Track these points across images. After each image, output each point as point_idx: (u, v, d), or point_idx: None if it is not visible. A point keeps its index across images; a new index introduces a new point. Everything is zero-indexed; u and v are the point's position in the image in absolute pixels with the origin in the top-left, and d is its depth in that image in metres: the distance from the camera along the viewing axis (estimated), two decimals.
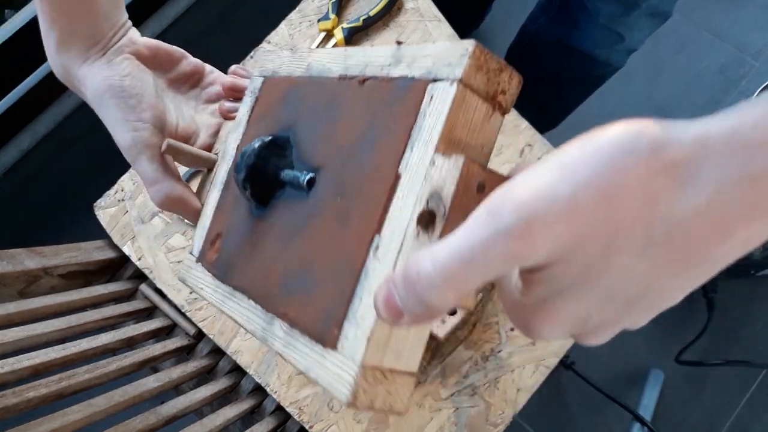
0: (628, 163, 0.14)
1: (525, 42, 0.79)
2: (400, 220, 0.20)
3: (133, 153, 0.31)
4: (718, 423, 0.93)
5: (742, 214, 0.14)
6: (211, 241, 0.30)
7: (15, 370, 0.38)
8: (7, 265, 0.45)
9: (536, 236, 0.14)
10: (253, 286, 0.26)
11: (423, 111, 0.21)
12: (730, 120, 0.14)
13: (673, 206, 0.14)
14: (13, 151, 1.03)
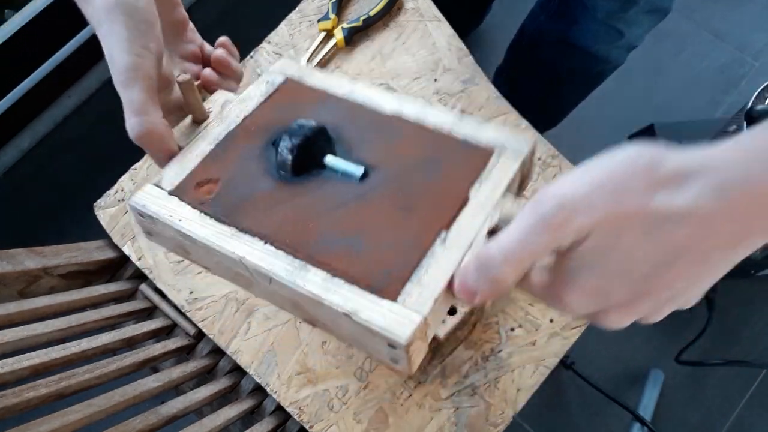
0: (630, 170, 0.19)
1: (525, 40, 0.79)
2: (470, 227, 0.27)
3: (128, 77, 0.29)
4: (718, 423, 0.93)
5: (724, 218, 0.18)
6: (197, 183, 0.30)
7: (15, 370, 0.38)
8: (7, 265, 0.45)
9: (567, 219, 0.20)
10: (277, 234, 0.28)
11: (492, 164, 0.29)
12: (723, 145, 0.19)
13: (666, 203, 0.19)
14: (13, 151, 1.03)
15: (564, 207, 0.20)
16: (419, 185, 0.29)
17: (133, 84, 0.29)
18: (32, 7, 0.90)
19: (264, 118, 0.33)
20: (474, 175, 0.29)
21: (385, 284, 0.25)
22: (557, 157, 0.54)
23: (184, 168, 0.31)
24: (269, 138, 0.32)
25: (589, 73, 0.75)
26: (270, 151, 0.31)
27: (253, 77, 0.57)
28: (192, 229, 0.28)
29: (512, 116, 0.55)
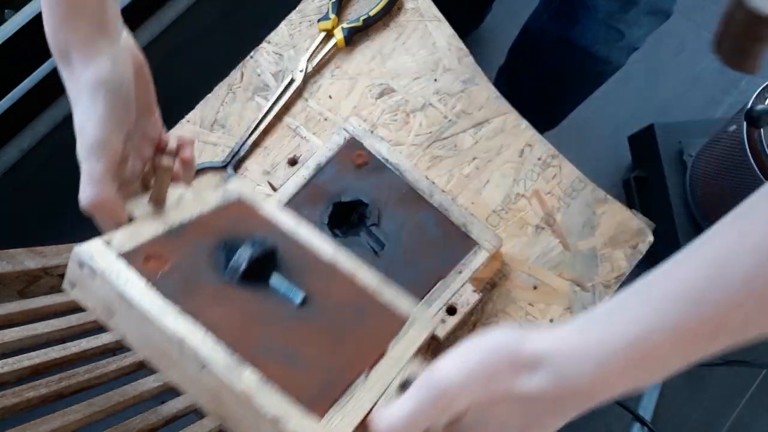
0: (498, 358, 0.25)
1: (527, 40, 0.80)
2: (385, 377, 0.30)
3: (95, 151, 0.30)
4: (718, 423, 0.94)
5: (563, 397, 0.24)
6: (146, 256, 0.30)
7: (15, 370, 0.38)
8: (7, 265, 0.45)
9: (448, 404, 0.25)
10: (219, 327, 0.28)
11: (404, 330, 0.34)
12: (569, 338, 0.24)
13: (524, 386, 0.24)
14: (14, 151, 1.03)
15: (445, 394, 0.24)
16: (349, 326, 0.33)
17: (96, 157, 0.30)
18: (32, 6, 0.90)
19: (218, 221, 0.35)
20: (392, 333, 0.34)
21: (314, 403, 0.26)
22: (557, 157, 0.54)
23: (137, 237, 0.31)
24: (221, 240, 0.33)
25: (590, 73, 0.75)
26: (220, 253, 0.33)
27: (254, 77, 0.57)
28: (135, 296, 0.27)
29: (512, 116, 0.55)
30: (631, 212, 0.52)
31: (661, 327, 0.22)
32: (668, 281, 0.23)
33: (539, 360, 0.24)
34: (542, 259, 0.51)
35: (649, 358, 0.23)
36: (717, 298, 0.22)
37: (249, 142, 0.55)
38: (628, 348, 0.23)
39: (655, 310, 0.23)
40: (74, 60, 0.30)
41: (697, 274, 0.22)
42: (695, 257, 0.23)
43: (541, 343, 0.24)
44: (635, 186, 1.01)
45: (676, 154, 0.94)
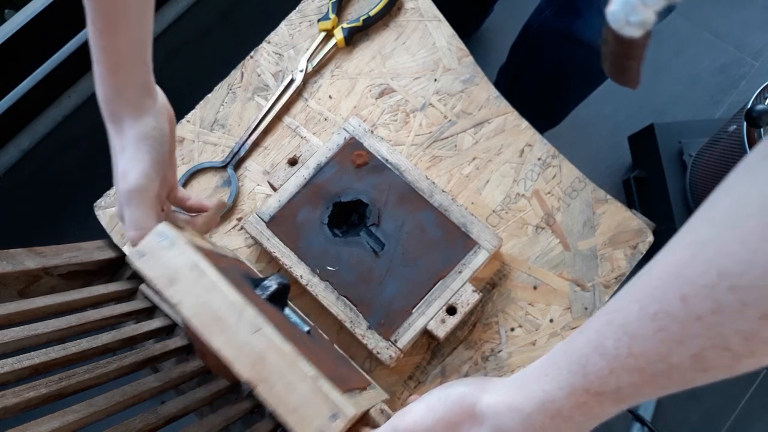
0: (458, 411, 0.29)
1: (529, 37, 0.79)
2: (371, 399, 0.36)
3: (135, 195, 0.35)
4: (718, 422, 0.94)
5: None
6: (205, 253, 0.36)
7: (15, 370, 0.38)
8: (7, 265, 0.45)
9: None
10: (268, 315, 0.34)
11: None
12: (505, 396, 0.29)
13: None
14: (14, 151, 1.03)
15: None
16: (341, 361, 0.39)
17: (138, 203, 0.35)
18: (32, 7, 0.90)
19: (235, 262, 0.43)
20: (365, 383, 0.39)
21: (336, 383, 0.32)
22: (557, 157, 0.54)
23: (195, 242, 0.36)
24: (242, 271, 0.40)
25: (592, 68, 0.75)
26: (248, 278, 0.39)
27: (254, 77, 0.57)
28: (208, 268, 0.32)
29: (512, 116, 0.55)
30: (631, 212, 0.52)
31: (559, 392, 0.26)
32: (567, 348, 0.27)
33: (485, 416, 0.29)
34: (542, 259, 0.51)
35: (558, 417, 0.26)
36: (596, 366, 0.25)
37: (249, 142, 0.55)
38: (541, 408, 0.27)
39: (556, 377, 0.26)
40: (124, 121, 0.35)
41: (583, 347, 0.26)
42: (584, 333, 0.26)
43: (487, 400, 0.29)
44: (635, 186, 1.01)
45: (676, 154, 0.94)
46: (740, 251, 0.20)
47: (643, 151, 1.01)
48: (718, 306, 0.20)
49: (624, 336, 0.24)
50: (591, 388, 0.25)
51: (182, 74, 1.09)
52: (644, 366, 0.23)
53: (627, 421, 0.92)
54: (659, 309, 0.22)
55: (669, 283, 0.22)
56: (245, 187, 0.54)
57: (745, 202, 0.20)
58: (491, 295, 0.50)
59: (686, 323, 0.21)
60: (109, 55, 0.34)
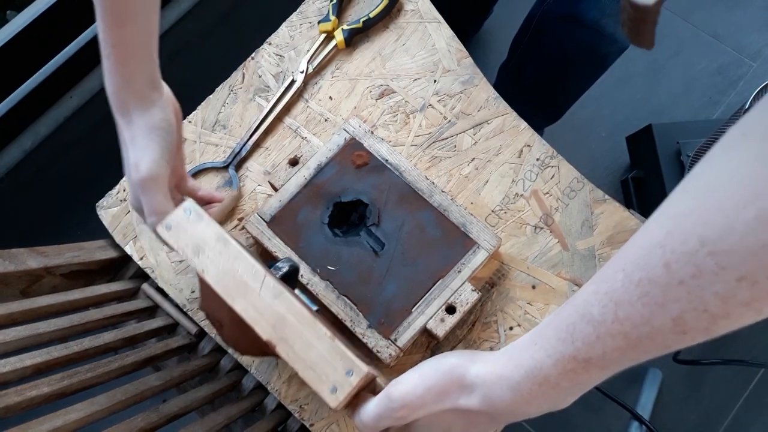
0: (448, 380, 0.31)
1: (532, 26, 0.80)
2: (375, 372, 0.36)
3: (150, 183, 0.37)
4: (717, 421, 0.94)
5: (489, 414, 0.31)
6: None
7: (17, 369, 0.38)
8: (10, 264, 0.45)
9: (407, 414, 0.31)
10: None
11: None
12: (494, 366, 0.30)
13: (464, 403, 0.31)
14: (16, 152, 1.04)
15: (405, 406, 0.31)
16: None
17: (154, 190, 0.37)
18: (34, 8, 0.90)
19: None
20: None
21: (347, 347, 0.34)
22: (556, 158, 0.54)
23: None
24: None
25: (595, 52, 0.75)
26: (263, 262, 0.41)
27: (255, 78, 0.58)
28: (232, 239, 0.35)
29: (511, 117, 0.55)
30: (630, 212, 0.53)
31: (547, 360, 0.27)
32: (555, 318, 0.28)
33: (475, 385, 0.30)
34: (541, 258, 0.51)
35: (545, 384, 0.28)
36: (582, 333, 0.26)
37: (250, 143, 0.55)
38: (529, 376, 0.28)
39: (544, 345, 0.28)
40: (132, 112, 0.37)
41: (570, 314, 0.27)
42: (571, 302, 0.27)
43: (478, 370, 0.30)
44: (633, 186, 1.02)
45: (674, 155, 0.95)
46: (719, 219, 0.21)
47: (641, 152, 1.01)
48: (698, 270, 0.22)
49: (610, 303, 0.25)
50: (578, 354, 0.26)
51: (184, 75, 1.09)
52: (629, 330, 0.24)
53: (625, 420, 0.92)
54: (643, 276, 0.24)
55: (652, 252, 0.23)
56: (246, 187, 0.54)
57: (723, 175, 0.22)
58: (490, 295, 0.50)
59: (668, 288, 0.23)
60: (118, 49, 0.36)
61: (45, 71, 0.96)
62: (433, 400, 0.31)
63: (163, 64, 0.43)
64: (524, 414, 0.30)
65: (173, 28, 1.09)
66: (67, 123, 1.06)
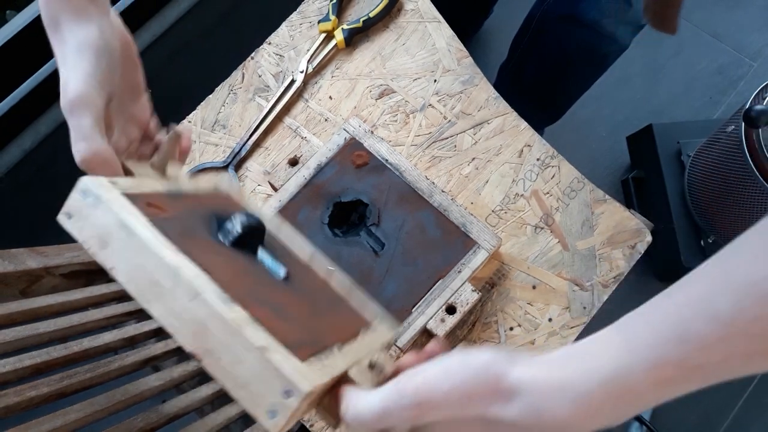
0: (480, 382, 0.25)
1: (532, 26, 0.80)
2: (359, 351, 0.31)
3: (77, 105, 0.31)
4: (717, 422, 0.94)
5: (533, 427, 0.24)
6: (147, 202, 0.30)
7: (16, 369, 0.38)
8: (9, 264, 0.45)
9: (423, 412, 0.25)
10: (213, 270, 0.28)
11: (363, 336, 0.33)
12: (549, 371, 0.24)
13: (499, 413, 0.24)
14: (15, 151, 1.03)
15: (421, 405, 0.25)
16: (324, 308, 0.34)
17: (81, 112, 0.30)
18: (34, 7, 0.90)
19: (211, 200, 0.36)
20: (359, 328, 0.34)
21: (297, 349, 0.26)
22: (556, 158, 0.54)
23: (140, 187, 0.31)
24: (213, 212, 0.34)
25: (595, 52, 0.75)
26: (213, 220, 0.33)
27: (254, 78, 0.58)
28: (137, 226, 0.28)
29: (511, 117, 0.55)
30: (630, 212, 0.52)
31: (638, 365, 0.22)
32: (650, 317, 0.23)
33: (517, 391, 0.24)
34: (541, 258, 0.51)
35: (625, 397, 0.23)
36: (700, 333, 0.21)
37: (250, 143, 0.55)
38: (603, 387, 0.23)
39: (635, 347, 0.22)
40: (63, 26, 0.32)
41: (679, 311, 0.22)
42: (676, 296, 0.23)
43: (521, 374, 0.24)
44: (633, 186, 1.02)
45: (675, 155, 0.95)
46: None
47: (642, 152, 1.01)
48: None
49: (748, 296, 0.20)
50: (687, 360, 0.21)
51: (183, 75, 1.09)
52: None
53: (625, 420, 0.92)
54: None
55: None
56: (246, 187, 0.54)
57: None
58: (490, 295, 0.50)
59: None
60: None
61: (45, 71, 0.96)
62: (458, 402, 0.25)
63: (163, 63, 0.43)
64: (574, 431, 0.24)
65: (173, 28, 1.09)
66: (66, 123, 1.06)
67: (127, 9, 1.01)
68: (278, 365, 0.24)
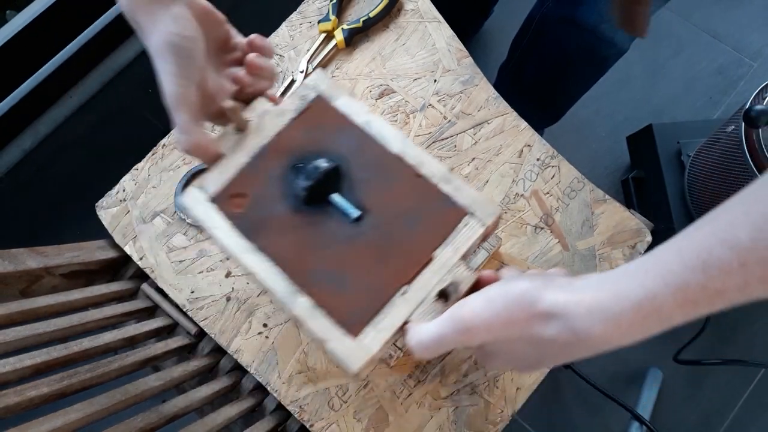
0: (518, 308, 0.29)
1: (532, 28, 0.80)
2: (426, 285, 0.33)
3: (174, 103, 0.35)
4: (717, 422, 0.94)
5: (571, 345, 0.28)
6: (231, 194, 0.37)
7: (17, 369, 0.38)
8: (9, 264, 0.45)
9: (470, 338, 0.29)
10: (282, 258, 0.35)
11: (459, 228, 0.35)
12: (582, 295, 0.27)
13: (539, 332, 0.28)
14: (15, 151, 1.04)
15: (468, 331, 0.29)
16: (398, 238, 0.35)
17: (179, 109, 0.35)
18: (34, 8, 0.90)
19: (292, 138, 0.38)
20: (443, 235, 0.35)
21: (352, 323, 0.33)
22: (556, 158, 0.54)
23: (223, 176, 0.37)
24: (293, 160, 0.37)
25: (594, 56, 0.75)
26: (291, 176, 0.37)
27: None
28: (222, 240, 0.35)
29: (511, 117, 0.55)
30: (630, 212, 0.52)
31: (665, 288, 0.25)
32: (676, 247, 0.26)
33: (553, 314, 0.28)
34: (541, 258, 0.51)
35: (654, 316, 0.25)
36: (721, 260, 0.23)
37: None
38: (634, 308, 0.26)
39: (662, 273, 0.25)
40: (142, 25, 0.35)
41: (704, 240, 0.24)
42: (703, 228, 0.25)
43: (557, 299, 0.28)
44: (633, 186, 1.02)
45: (675, 155, 0.95)
46: None
47: (642, 152, 1.01)
48: None
49: (765, 227, 0.22)
50: (710, 284, 0.24)
51: None
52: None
53: (626, 420, 0.92)
54: None
55: None
56: None
57: None
58: None
59: None
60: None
61: (45, 71, 0.96)
62: (501, 327, 0.29)
63: None
64: (604, 348, 0.27)
65: None
66: (66, 123, 1.06)
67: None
68: (334, 351, 0.32)
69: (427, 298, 0.33)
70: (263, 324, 0.51)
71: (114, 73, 1.08)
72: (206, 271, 0.52)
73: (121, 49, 1.06)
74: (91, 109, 1.07)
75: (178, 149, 0.37)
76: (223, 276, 0.52)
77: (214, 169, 0.37)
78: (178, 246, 0.53)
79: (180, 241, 0.53)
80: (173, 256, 0.53)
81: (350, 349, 0.32)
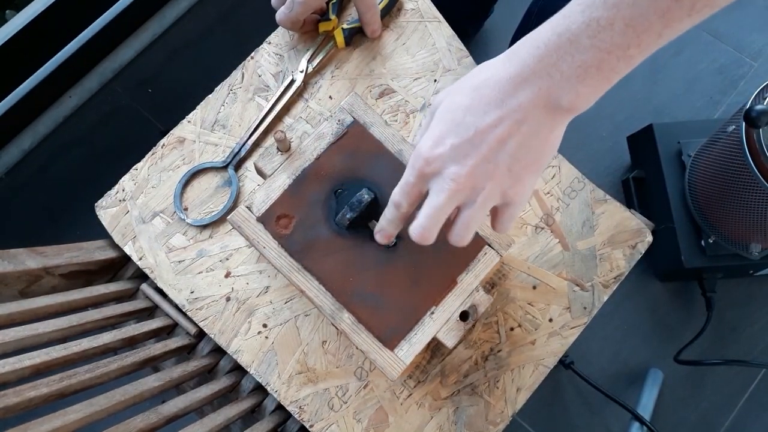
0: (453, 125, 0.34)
1: (531, 22, 0.80)
2: (450, 307, 0.40)
3: None
4: (717, 422, 0.94)
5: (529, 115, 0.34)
6: (277, 216, 0.41)
7: (16, 370, 0.38)
8: (8, 264, 0.45)
9: (432, 155, 0.33)
10: (328, 278, 0.40)
11: (479, 257, 0.41)
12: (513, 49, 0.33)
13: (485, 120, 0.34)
14: (15, 151, 1.04)
15: (421, 156, 0.33)
16: (427, 263, 0.40)
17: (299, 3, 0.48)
18: (33, 7, 0.90)
19: (331, 162, 0.43)
20: (466, 262, 0.41)
21: (389, 338, 0.39)
22: (556, 157, 0.54)
23: (269, 197, 0.42)
24: (333, 186, 0.42)
25: None
26: (332, 200, 0.42)
27: (254, 78, 0.57)
28: (271, 258, 0.40)
29: None
30: (630, 212, 0.52)
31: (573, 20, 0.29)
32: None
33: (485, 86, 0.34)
34: (541, 258, 0.51)
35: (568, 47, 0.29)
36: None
37: (250, 143, 0.55)
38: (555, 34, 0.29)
39: (568, 13, 0.29)
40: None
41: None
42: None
43: (481, 71, 0.35)
44: (634, 186, 1.01)
45: (675, 154, 0.95)
46: None
47: (642, 151, 1.01)
48: None
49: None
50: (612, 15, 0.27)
51: (183, 75, 1.09)
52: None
53: (626, 421, 0.92)
54: None
55: None
56: (246, 187, 0.54)
57: None
58: (491, 295, 0.50)
59: None
60: None
61: (44, 70, 0.96)
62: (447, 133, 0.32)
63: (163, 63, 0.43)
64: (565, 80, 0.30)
65: (173, 27, 1.09)
66: (66, 123, 1.06)
67: (127, 9, 1.01)
68: (375, 362, 0.39)
69: (451, 319, 0.39)
70: (263, 324, 0.50)
71: (114, 73, 1.08)
72: (206, 271, 0.52)
73: (121, 48, 1.06)
74: (91, 109, 1.07)
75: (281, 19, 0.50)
76: (223, 276, 0.52)
77: (260, 190, 0.42)
78: (177, 246, 0.53)
79: (179, 241, 0.53)
80: (173, 256, 0.53)
81: (388, 360, 0.38)
